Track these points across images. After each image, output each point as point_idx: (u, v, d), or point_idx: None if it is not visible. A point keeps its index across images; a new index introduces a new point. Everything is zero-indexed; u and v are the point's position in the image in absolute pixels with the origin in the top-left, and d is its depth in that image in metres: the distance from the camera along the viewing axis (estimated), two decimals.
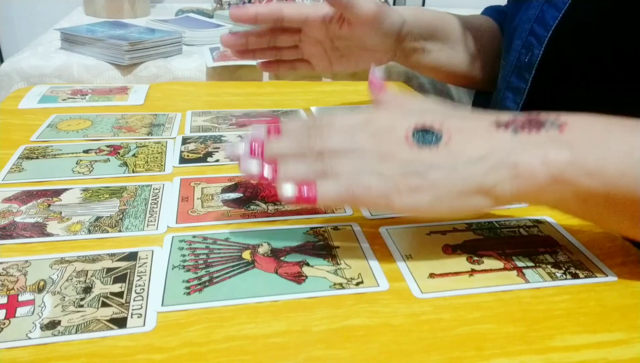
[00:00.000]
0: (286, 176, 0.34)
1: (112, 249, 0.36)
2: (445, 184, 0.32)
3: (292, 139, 0.35)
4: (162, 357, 0.28)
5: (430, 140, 0.33)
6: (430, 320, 0.31)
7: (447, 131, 0.33)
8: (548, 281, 0.34)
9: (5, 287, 0.32)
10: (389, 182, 0.32)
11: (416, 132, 0.33)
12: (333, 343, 0.29)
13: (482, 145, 0.32)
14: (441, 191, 0.32)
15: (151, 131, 0.57)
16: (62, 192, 0.43)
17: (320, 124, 0.36)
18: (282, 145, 0.35)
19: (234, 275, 0.34)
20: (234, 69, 0.90)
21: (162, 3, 1.51)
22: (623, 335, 0.30)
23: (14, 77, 0.87)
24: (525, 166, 0.31)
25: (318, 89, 0.77)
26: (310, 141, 0.35)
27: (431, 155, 0.33)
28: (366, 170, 0.33)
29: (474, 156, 0.32)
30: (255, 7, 0.52)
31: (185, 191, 0.44)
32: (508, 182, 0.32)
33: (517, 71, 0.57)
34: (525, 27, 0.56)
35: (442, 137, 0.33)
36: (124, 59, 0.85)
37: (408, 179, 0.32)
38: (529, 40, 0.55)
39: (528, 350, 0.29)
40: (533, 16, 0.55)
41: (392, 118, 0.35)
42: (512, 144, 0.32)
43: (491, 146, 0.32)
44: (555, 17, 0.52)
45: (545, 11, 0.53)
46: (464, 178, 0.32)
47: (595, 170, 0.31)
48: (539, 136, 0.32)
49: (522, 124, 0.33)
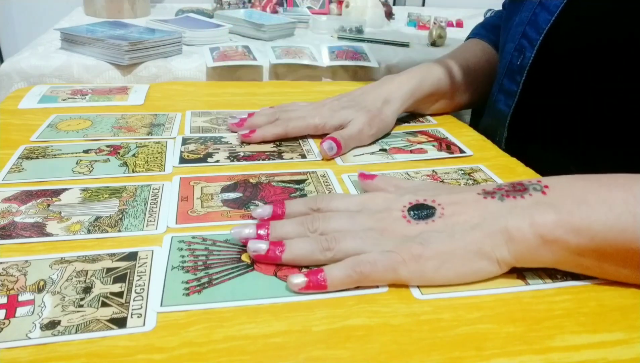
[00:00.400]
0: (291, 252, 0.35)
1: (111, 249, 0.36)
2: (446, 250, 0.33)
3: (295, 222, 0.37)
4: (162, 357, 0.28)
5: (426, 214, 0.35)
6: (430, 320, 0.31)
7: (440, 205, 0.36)
8: (548, 282, 0.34)
9: (5, 287, 0.32)
10: (392, 255, 0.33)
11: (412, 210, 0.36)
12: (333, 343, 0.29)
13: (473, 214, 0.35)
14: (444, 257, 0.33)
15: (151, 131, 0.57)
16: (61, 192, 0.43)
17: (320, 206, 0.39)
18: (287, 229, 0.37)
19: (233, 277, 0.34)
20: (234, 69, 0.90)
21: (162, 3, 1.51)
22: (623, 335, 0.30)
23: (14, 77, 0.87)
24: (515, 230, 0.33)
25: (318, 89, 0.77)
26: (313, 224, 0.37)
27: (429, 226, 0.35)
28: (369, 246, 0.34)
29: (469, 224, 0.34)
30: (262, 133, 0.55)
31: (184, 191, 0.44)
32: (504, 246, 0.33)
33: (509, 74, 0.57)
34: (518, 30, 0.56)
35: (436, 211, 0.35)
36: (124, 59, 0.85)
37: (411, 249, 0.33)
38: (521, 43, 0.55)
39: (528, 350, 0.29)
40: (526, 19, 0.55)
41: (387, 200, 0.37)
42: (500, 211, 0.34)
43: (482, 214, 0.34)
44: (548, 20, 0.52)
45: (538, 14, 0.53)
46: (464, 244, 0.33)
47: (582, 227, 0.32)
48: (524, 200, 0.34)
49: (507, 191, 0.35)
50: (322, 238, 0.35)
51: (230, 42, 1.03)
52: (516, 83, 0.56)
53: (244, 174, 0.48)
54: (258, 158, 0.52)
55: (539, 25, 0.53)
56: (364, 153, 0.54)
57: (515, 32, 0.56)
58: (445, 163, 0.52)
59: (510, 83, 0.57)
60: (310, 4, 1.40)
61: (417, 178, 0.48)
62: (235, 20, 1.12)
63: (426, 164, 0.52)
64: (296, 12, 1.32)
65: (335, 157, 0.52)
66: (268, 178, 0.47)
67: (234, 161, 0.51)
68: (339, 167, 0.51)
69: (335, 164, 0.51)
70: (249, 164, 0.50)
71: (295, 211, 0.39)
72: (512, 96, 0.56)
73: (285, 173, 0.48)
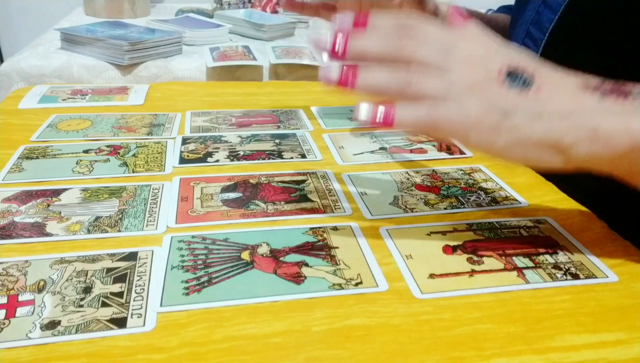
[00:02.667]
0: (366, 83, 0.32)
1: (111, 249, 0.36)
2: (525, 130, 0.31)
3: (380, 36, 0.33)
4: (162, 357, 0.28)
5: (522, 83, 0.32)
6: (430, 320, 0.31)
7: (538, 79, 0.33)
8: (548, 282, 0.34)
9: (5, 287, 0.32)
10: (471, 116, 0.31)
11: (510, 74, 0.33)
12: (333, 343, 0.29)
13: (569, 102, 0.32)
14: (520, 136, 0.31)
15: (151, 131, 0.57)
16: (61, 192, 0.43)
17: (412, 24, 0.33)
18: (369, 43, 0.33)
19: (232, 275, 0.34)
20: (234, 69, 0.90)
21: (162, 3, 1.51)
22: (623, 335, 0.30)
23: (14, 77, 0.87)
24: (607, 130, 0.31)
25: (318, 89, 0.77)
26: (400, 41, 0.32)
27: (519, 98, 0.32)
28: (451, 98, 0.32)
29: (560, 110, 0.32)
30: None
31: (184, 191, 0.44)
32: (587, 144, 0.31)
33: None
34: (522, 30, 0.56)
35: (533, 83, 0.32)
36: (124, 59, 0.85)
37: (491, 117, 0.31)
38: (525, 42, 0.55)
39: (528, 350, 0.29)
40: (530, 18, 0.55)
41: (486, 49, 0.34)
42: (597, 108, 0.32)
43: (577, 106, 0.32)
44: (552, 19, 0.52)
45: (541, 13, 0.53)
46: (546, 129, 0.31)
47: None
48: (625, 104, 0.32)
49: (610, 90, 0.33)
50: (404, 70, 0.32)
51: (230, 42, 1.03)
52: None
53: (244, 175, 0.48)
54: (258, 158, 0.52)
55: (542, 24, 0.53)
56: (364, 152, 0.54)
57: (519, 31, 0.56)
58: (445, 163, 0.52)
59: None
60: None
61: (418, 178, 0.48)
62: (235, 20, 1.12)
63: (426, 164, 0.52)
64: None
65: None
66: (268, 178, 0.47)
67: (234, 160, 0.51)
68: (339, 167, 0.51)
69: (335, 164, 0.51)
70: (249, 164, 0.50)
71: (382, 23, 0.34)
72: None
73: (285, 173, 0.48)
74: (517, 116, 0.31)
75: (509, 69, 0.33)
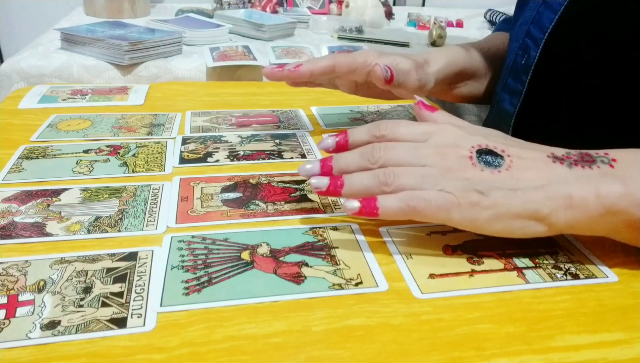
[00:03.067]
0: (350, 187, 0.36)
1: (111, 249, 0.36)
2: (504, 204, 0.34)
3: (356, 153, 0.38)
4: (162, 357, 0.28)
5: (493, 162, 0.35)
6: (430, 320, 0.31)
7: (508, 157, 0.36)
8: (548, 282, 0.34)
9: (5, 287, 0.32)
10: (450, 196, 0.34)
11: (481, 153, 0.35)
12: (333, 343, 0.29)
13: (540, 175, 0.35)
14: (500, 210, 0.34)
15: (151, 131, 0.57)
16: (61, 192, 0.43)
17: (385, 134, 0.38)
18: (348, 160, 0.38)
19: (232, 275, 0.34)
20: (234, 69, 0.90)
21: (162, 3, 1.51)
22: (623, 335, 0.30)
23: (14, 77, 0.87)
24: (579, 198, 0.33)
25: (318, 89, 0.77)
26: (374, 154, 0.37)
27: (493, 176, 0.35)
28: (428, 185, 0.34)
29: (534, 183, 0.34)
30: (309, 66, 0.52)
31: (184, 191, 0.44)
32: (563, 212, 0.34)
33: (514, 73, 0.57)
34: (522, 29, 0.56)
35: (504, 161, 0.35)
36: (124, 59, 0.85)
37: (469, 195, 0.34)
38: (525, 42, 0.55)
39: (528, 350, 0.29)
40: (530, 18, 0.55)
41: (455, 136, 0.37)
42: (567, 178, 0.34)
43: (549, 177, 0.34)
44: (552, 19, 0.52)
45: (541, 13, 0.53)
46: (523, 201, 0.34)
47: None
48: (592, 171, 0.34)
49: (575, 160, 0.35)
50: (380, 172, 0.35)
51: (230, 42, 1.03)
52: (521, 82, 0.56)
53: (244, 175, 0.48)
54: (258, 158, 0.52)
55: (542, 24, 0.53)
56: None
57: (519, 31, 0.56)
58: None
59: (515, 82, 0.57)
60: (310, 4, 1.40)
61: None
62: (235, 20, 1.12)
63: None
64: (296, 12, 1.32)
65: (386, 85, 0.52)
66: (268, 178, 0.47)
67: (234, 160, 0.51)
68: None
69: None
70: (249, 164, 0.50)
71: (358, 139, 0.40)
72: (518, 95, 0.56)
73: (285, 174, 0.48)
74: (494, 192, 0.34)
75: (479, 150, 0.36)
